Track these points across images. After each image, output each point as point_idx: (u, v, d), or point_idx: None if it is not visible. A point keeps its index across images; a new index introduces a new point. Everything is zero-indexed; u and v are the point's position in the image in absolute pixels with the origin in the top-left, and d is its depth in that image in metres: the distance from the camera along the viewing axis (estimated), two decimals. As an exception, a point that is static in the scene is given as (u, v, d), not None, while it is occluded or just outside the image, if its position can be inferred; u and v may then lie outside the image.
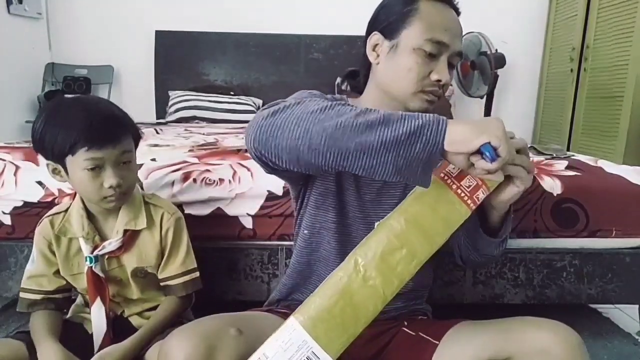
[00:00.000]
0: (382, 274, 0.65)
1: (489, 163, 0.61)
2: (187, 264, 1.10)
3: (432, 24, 0.81)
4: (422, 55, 0.81)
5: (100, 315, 1.03)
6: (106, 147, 0.94)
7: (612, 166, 1.44)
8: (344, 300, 0.64)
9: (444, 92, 0.86)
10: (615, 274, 1.33)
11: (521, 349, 0.72)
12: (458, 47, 0.83)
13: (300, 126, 0.63)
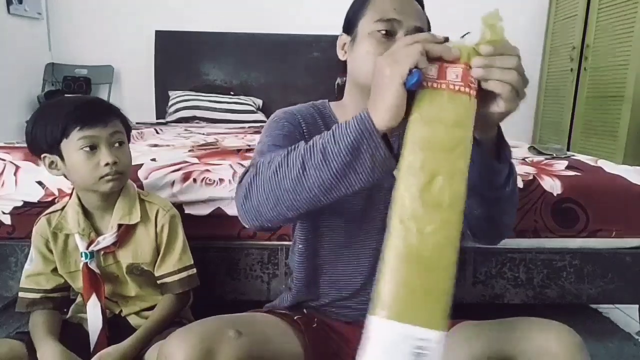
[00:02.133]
0: (435, 212, 0.55)
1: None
2: (183, 260, 1.10)
3: (382, 8, 0.83)
4: (377, 37, 0.82)
5: (95, 312, 1.03)
6: (97, 126, 0.97)
7: (612, 166, 1.44)
8: (413, 265, 0.54)
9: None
10: (616, 274, 1.33)
11: (523, 350, 0.72)
12: (414, 22, 0.82)
13: (270, 198, 0.68)
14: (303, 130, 0.86)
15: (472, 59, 0.60)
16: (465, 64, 0.60)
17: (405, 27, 0.81)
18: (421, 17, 0.84)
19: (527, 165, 1.43)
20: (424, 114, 0.58)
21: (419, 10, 0.85)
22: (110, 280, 1.08)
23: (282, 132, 0.84)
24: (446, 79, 0.59)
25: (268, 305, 1.00)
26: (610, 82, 2.73)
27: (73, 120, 0.96)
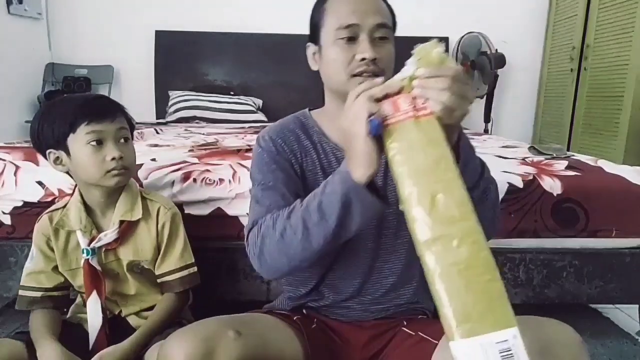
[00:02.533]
0: (452, 227, 0.58)
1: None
2: (185, 258, 1.10)
3: (339, 14, 0.84)
4: (341, 43, 0.83)
5: (96, 309, 1.04)
6: (105, 121, 0.99)
7: (612, 166, 1.44)
8: (461, 280, 0.56)
9: (382, 67, 0.83)
10: (615, 274, 1.33)
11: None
12: (375, 20, 0.82)
13: (283, 258, 0.77)
14: (285, 151, 0.89)
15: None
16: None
17: (365, 28, 0.82)
18: (381, 11, 0.84)
19: (527, 165, 1.43)
20: (398, 148, 0.63)
21: (379, 5, 0.85)
22: (111, 277, 1.08)
23: (267, 167, 0.88)
24: (401, 110, 0.64)
25: (267, 306, 1.00)
26: (610, 82, 2.73)
27: (81, 115, 0.97)
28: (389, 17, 0.86)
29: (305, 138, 0.91)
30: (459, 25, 3.31)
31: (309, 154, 0.90)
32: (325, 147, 0.91)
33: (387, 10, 0.87)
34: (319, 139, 0.91)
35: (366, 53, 0.81)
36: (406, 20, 3.96)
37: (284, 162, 0.87)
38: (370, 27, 0.82)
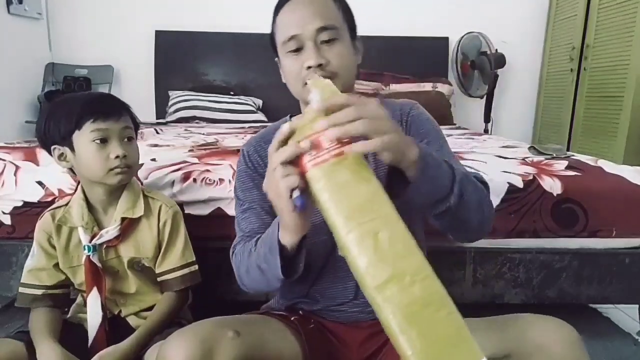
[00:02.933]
0: (400, 263, 0.55)
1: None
2: (186, 256, 1.11)
3: (282, 27, 0.84)
4: (290, 55, 0.83)
5: (96, 306, 1.04)
6: (110, 119, 1.00)
7: (612, 166, 1.44)
8: (419, 319, 0.53)
9: (332, 70, 0.81)
10: (615, 274, 1.33)
11: (519, 346, 0.72)
12: (314, 26, 0.80)
13: (257, 285, 0.83)
14: (261, 165, 0.90)
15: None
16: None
17: (307, 36, 0.81)
18: (322, 14, 0.82)
19: (527, 165, 1.43)
20: (328, 192, 0.58)
21: (319, 8, 0.82)
22: (111, 275, 1.08)
23: (244, 185, 0.91)
24: (323, 148, 0.58)
25: (264, 306, 1.00)
26: (610, 82, 2.73)
27: (87, 113, 0.98)
28: (334, 16, 0.83)
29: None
30: (459, 25, 3.31)
31: None
32: None
33: (333, 10, 0.84)
34: None
35: (310, 60, 0.80)
36: (406, 21, 3.96)
37: (260, 179, 0.86)
38: (311, 33, 0.81)
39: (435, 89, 3.17)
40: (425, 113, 0.93)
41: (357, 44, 0.89)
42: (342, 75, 0.82)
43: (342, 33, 0.84)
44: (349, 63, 0.84)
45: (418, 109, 0.93)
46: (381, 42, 3.40)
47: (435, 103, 3.04)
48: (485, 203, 0.77)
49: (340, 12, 0.85)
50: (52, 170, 1.33)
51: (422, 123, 0.90)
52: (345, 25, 0.85)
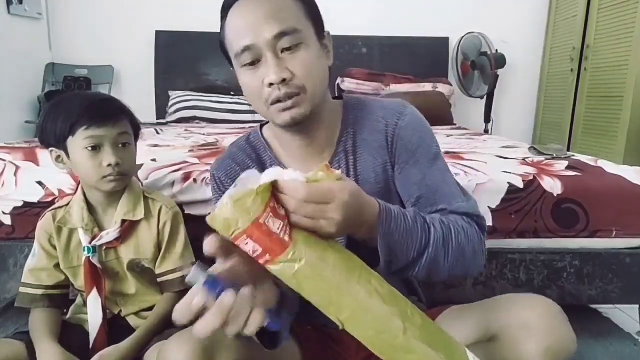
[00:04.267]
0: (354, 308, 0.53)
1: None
2: (186, 257, 1.10)
3: (232, 35, 0.72)
4: (246, 70, 0.72)
5: (95, 307, 1.04)
6: (104, 126, 0.98)
7: (612, 166, 1.44)
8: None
9: (299, 84, 0.71)
10: (615, 274, 1.33)
11: (504, 326, 0.72)
12: (271, 31, 0.68)
13: None
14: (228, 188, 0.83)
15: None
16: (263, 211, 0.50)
17: (263, 44, 0.69)
18: (279, 15, 0.69)
19: (527, 165, 1.43)
20: (302, 286, 0.53)
21: (273, 8, 0.70)
22: (111, 276, 1.08)
23: None
24: (272, 231, 0.50)
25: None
26: (610, 82, 2.73)
27: (80, 119, 0.97)
28: (294, 16, 0.71)
29: (254, 159, 0.85)
30: (459, 25, 3.31)
31: None
32: None
33: (292, 7, 0.71)
34: (270, 163, 0.85)
35: (270, 76, 0.69)
36: (406, 21, 3.96)
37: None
38: (268, 41, 0.69)
39: (435, 89, 3.17)
40: (414, 119, 0.82)
41: (325, 43, 0.77)
42: (311, 88, 0.72)
43: (307, 34, 0.72)
44: (317, 71, 0.73)
45: (406, 117, 0.81)
46: (381, 42, 3.41)
47: (435, 103, 3.04)
48: (470, 256, 0.71)
49: (301, 8, 0.72)
50: (52, 170, 1.32)
51: (410, 137, 0.80)
52: (310, 24, 0.73)
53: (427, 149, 0.80)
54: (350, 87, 3.19)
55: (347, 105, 0.85)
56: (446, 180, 0.80)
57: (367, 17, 3.42)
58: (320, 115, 0.79)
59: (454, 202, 0.76)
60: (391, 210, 0.63)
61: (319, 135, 0.81)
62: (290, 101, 0.71)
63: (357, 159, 0.83)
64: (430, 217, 0.69)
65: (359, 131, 0.83)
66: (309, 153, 0.83)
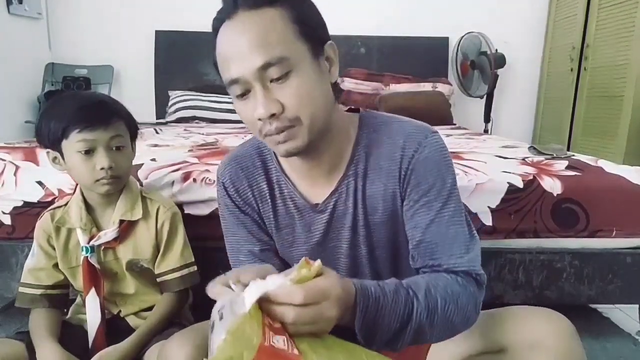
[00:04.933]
0: None
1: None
2: (185, 257, 1.10)
3: (221, 64, 0.68)
4: (238, 100, 0.68)
5: (94, 307, 1.04)
6: (97, 129, 0.97)
7: (612, 166, 1.44)
8: None
9: (292, 116, 0.66)
10: (616, 274, 1.33)
11: (514, 341, 0.72)
12: (254, 64, 0.63)
13: None
14: (239, 202, 0.83)
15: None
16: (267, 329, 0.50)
17: (250, 77, 0.64)
18: (266, 41, 0.63)
19: (527, 165, 1.43)
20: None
21: (263, 31, 0.64)
22: (110, 277, 1.08)
23: (226, 222, 0.85)
24: (280, 350, 0.49)
25: None
26: (610, 82, 2.73)
27: (73, 122, 0.96)
28: (283, 40, 0.64)
29: (263, 179, 0.82)
30: (459, 25, 3.30)
31: (265, 200, 0.82)
32: (284, 189, 0.81)
33: (281, 29, 0.64)
34: (277, 179, 0.82)
35: (258, 111, 0.64)
36: (406, 21, 3.96)
37: (241, 216, 0.83)
38: (253, 74, 0.64)
39: (435, 89, 3.17)
40: (433, 153, 0.74)
41: (329, 56, 0.71)
42: (307, 118, 0.66)
43: (298, 59, 0.65)
44: (314, 97, 0.67)
45: (425, 149, 0.74)
46: (381, 42, 3.41)
47: (435, 103, 3.04)
48: (459, 321, 0.68)
49: (293, 29, 0.65)
50: (52, 170, 1.31)
51: (424, 174, 0.74)
52: (303, 45, 0.66)
53: (440, 189, 0.73)
54: (350, 87, 3.19)
55: (363, 124, 0.79)
56: (453, 227, 0.73)
57: (367, 17, 3.42)
58: (326, 137, 0.74)
59: (453, 258, 0.72)
60: (368, 291, 0.61)
61: (326, 157, 0.77)
62: (283, 135, 0.67)
63: (366, 184, 0.77)
64: (417, 286, 0.66)
65: (373, 156, 0.77)
66: (315, 173, 0.79)
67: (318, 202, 0.80)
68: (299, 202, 0.81)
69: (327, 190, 0.79)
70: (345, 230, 0.80)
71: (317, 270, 0.55)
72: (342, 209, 0.79)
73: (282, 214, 0.83)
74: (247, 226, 0.84)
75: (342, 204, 0.79)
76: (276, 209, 0.83)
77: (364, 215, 0.79)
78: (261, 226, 0.85)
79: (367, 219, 0.79)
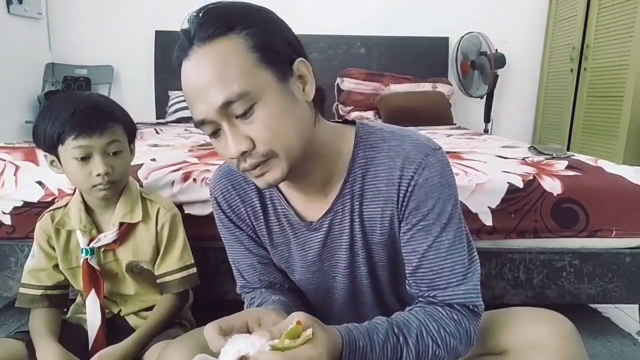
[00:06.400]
0: None
1: None
2: (184, 259, 1.10)
3: (188, 105, 0.65)
4: (211, 139, 0.67)
5: (94, 309, 1.04)
6: (93, 136, 0.95)
7: (612, 166, 1.44)
8: None
9: (265, 149, 0.63)
10: (615, 274, 1.33)
11: (515, 342, 0.72)
12: (215, 103, 0.60)
13: None
14: (232, 218, 0.83)
15: None
16: None
17: (213, 116, 0.61)
18: (223, 76, 0.59)
19: (527, 165, 1.43)
20: None
21: (219, 65, 0.60)
22: (110, 278, 1.08)
23: (224, 236, 0.86)
24: None
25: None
26: (610, 82, 2.73)
27: (69, 128, 0.94)
28: (241, 74, 0.59)
29: (256, 195, 0.80)
30: (459, 25, 3.31)
31: (258, 217, 0.81)
32: (277, 205, 0.80)
33: (238, 65, 0.60)
34: (270, 195, 0.80)
35: (230, 150, 0.62)
36: (406, 21, 3.96)
37: (237, 232, 0.84)
38: (217, 113, 0.60)
39: (435, 89, 3.17)
40: (434, 175, 0.69)
41: (301, 75, 0.66)
42: (282, 148, 0.63)
43: (261, 89, 0.61)
44: (286, 126, 0.63)
45: (425, 171, 0.69)
46: (381, 42, 3.41)
47: (435, 103, 3.04)
48: (452, 357, 0.69)
49: (251, 57, 0.60)
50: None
51: (424, 197, 0.70)
52: (266, 71, 0.61)
53: (440, 213, 0.70)
54: (350, 87, 3.19)
55: (359, 139, 0.74)
56: (451, 256, 0.71)
57: (366, 17, 3.42)
58: (311, 158, 0.70)
59: (450, 289, 0.70)
60: (355, 346, 0.61)
61: (315, 175, 0.74)
62: (258, 169, 0.64)
63: (363, 204, 0.74)
64: (408, 330, 0.66)
65: (370, 175, 0.73)
66: (309, 192, 0.76)
67: (312, 221, 0.77)
68: (292, 220, 0.78)
69: (322, 209, 0.76)
70: (342, 251, 0.78)
71: (307, 338, 0.54)
72: (337, 228, 0.77)
73: (276, 232, 0.81)
74: (244, 242, 0.84)
75: (337, 223, 0.76)
76: (269, 226, 0.81)
77: (362, 235, 0.76)
78: (257, 242, 0.84)
79: (365, 239, 0.76)
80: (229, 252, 0.87)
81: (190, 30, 0.61)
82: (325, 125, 0.74)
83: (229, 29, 0.60)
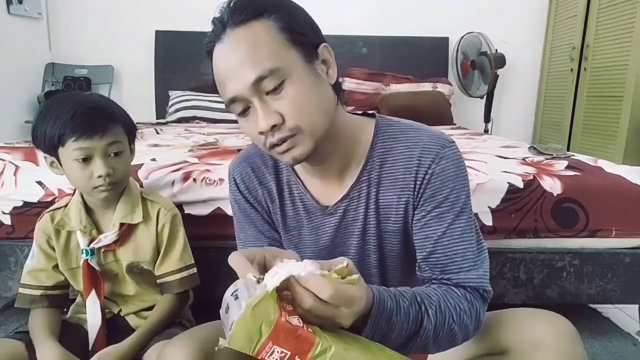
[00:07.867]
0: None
1: None
2: (184, 259, 1.10)
3: (219, 86, 0.69)
4: (240, 118, 0.70)
5: (95, 309, 1.04)
6: (93, 137, 0.95)
7: (612, 166, 1.44)
8: None
9: (291, 126, 0.66)
10: (615, 274, 1.33)
11: (516, 342, 0.72)
12: (248, 79, 0.63)
13: None
14: (249, 200, 0.85)
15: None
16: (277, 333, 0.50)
17: (246, 93, 0.65)
18: (256, 54, 0.64)
19: (527, 165, 1.43)
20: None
21: (252, 44, 0.64)
22: (110, 278, 1.08)
23: (237, 218, 0.87)
24: (296, 327, 0.50)
25: None
26: (610, 82, 2.73)
27: (69, 130, 0.94)
28: (273, 51, 0.64)
29: (273, 178, 0.83)
30: (459, 25, 3.30)
31: (273, 200, 0.83)
32: (294, 189, 0.82)
33: (270, 41, 0.64)
34: (287, 179, 0.83)
35: (260, 125, 0.65)
36: (406, 21, 3.96)
37: (252, 214, 0.85)
38: (248, 89, 0.64)
39: (435, 89, 3.17)
40: (450, 165, 0.73)
41: (325, 59, 0.70)
42: (308, 125, 0.67)
43: (291, 67, 0.65)
44: (312, 103, 0.67)
45: (442, 162, 0.73)
46: (381, 42, 3.41)
47: (435, 103, 3.04)
48: (461, 337, 0.70)
49: (282, 38, 0.65)
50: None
51: (440, 186, 0.73)
52: (295, 52, 0.66)
53: (454, 202, 0.73)
54: (351, 87, 3.19)
55: (378, 130, 0.78)
56: (464, 241, 0.73)
57: (368, 17, 3.42)
58: (332, 141, 0.73)
59: (463, 273, 0.72)
60: (383, 305, 0.62)
61: (334, 159, 0.76)
62: (286, 144, 0.67)
63: (380, 191, 0.77)
64: (429, 301, 0.67)
65: (388, 164, 0.76)
66: (327, 176, 0.79)
67: (328, 205, 0.80)
68: (308, 204, 0.81)
69: (338, 194, 0.79)
70: (354, 237, 0.80)
71: (352, 281, 0.56)
72: (352, 214, 0.79)
73: (290, 215, 0.83)
74: (257, 224, 0.85)
75: (353, 210, 0.79)
76: (284, 209, 0.83)
77: (376, 223, 0.78)
78: (270, 224, 0.85)
79: (379, 227, 0.78)
80: (239, 237, 0.87)
81: (224, 16, 0.66)
82: (346, 113, 0.77)
83: (259, 13, 0.65)
